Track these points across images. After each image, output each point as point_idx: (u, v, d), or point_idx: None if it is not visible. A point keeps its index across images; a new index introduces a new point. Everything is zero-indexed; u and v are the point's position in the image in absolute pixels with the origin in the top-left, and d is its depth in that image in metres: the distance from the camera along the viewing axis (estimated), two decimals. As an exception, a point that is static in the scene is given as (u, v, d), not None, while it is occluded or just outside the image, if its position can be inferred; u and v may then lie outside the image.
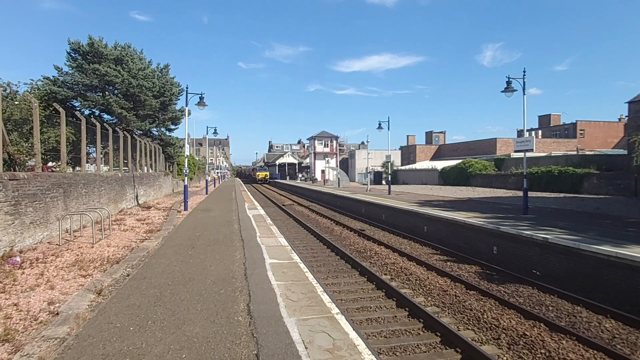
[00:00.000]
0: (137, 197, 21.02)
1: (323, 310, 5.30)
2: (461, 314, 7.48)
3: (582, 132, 56.11)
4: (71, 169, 15.23)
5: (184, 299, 5.77)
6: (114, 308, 5.41)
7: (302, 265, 7.86)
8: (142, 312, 5.25)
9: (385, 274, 10.24)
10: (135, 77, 27.06)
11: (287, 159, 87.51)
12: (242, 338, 4.44)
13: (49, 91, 23.29)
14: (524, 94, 15.13)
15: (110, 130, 17.95)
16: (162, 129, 33.84)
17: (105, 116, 27.14)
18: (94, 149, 18.09)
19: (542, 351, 5.88)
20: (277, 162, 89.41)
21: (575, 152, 38.45)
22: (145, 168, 25.21)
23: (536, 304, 7.96)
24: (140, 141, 23.94)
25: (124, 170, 20.22)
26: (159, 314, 5.15)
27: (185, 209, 19.17)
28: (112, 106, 25.60)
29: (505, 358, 5.82)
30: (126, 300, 5.73)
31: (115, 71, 25.87)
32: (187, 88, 19.96)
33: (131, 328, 4.72)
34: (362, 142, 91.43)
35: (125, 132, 21.34)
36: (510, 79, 15.22)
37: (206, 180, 38.54)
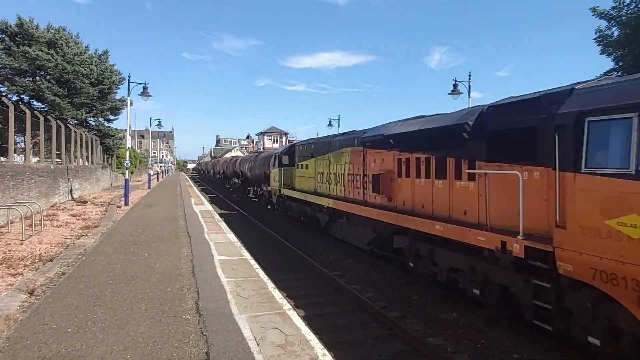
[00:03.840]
0: (71, 190, 19.64)
1: (275, 307, 5.28)
2: (409, 308, 7.75)
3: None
4: (-5, 159, 13.90)
5: (126, 298, 5.49)
6: (48, 308, 5.03)
7: (252, 262, 7.79)
8: (81, 312, 4.93)
9: (335, 271, 10.37)
10: (71, 63, 25.19)
11: (235, 154, 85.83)
12: (191, 337, 4.31)
13: (-31, 73, 21.10)
14: (469, 97, 16.07)
15: (42, 119, 16.61)
16: (100, 119, 31.95)
17: (36, 103, 25.09)
18: (23, 138, 16.71)
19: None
20: (225, 157, 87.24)
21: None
22: (81, 160, 23.66)
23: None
24: (75, 131, 22.43)
25: (56, 162, 18.79)
26: (100, 314, 4.86)
27: (126, 204, 18.19)
28: (44, 92, 23.67)
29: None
30: (62, 300, 5.35)
31: (47, 55, 23.90)
32: (129, 77, 19.01)
33: (69, 329, 4.41)
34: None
35: (58, 121, 19.87)
36: (457, 82, 16.04)
37: (149, 174, 36.81)
